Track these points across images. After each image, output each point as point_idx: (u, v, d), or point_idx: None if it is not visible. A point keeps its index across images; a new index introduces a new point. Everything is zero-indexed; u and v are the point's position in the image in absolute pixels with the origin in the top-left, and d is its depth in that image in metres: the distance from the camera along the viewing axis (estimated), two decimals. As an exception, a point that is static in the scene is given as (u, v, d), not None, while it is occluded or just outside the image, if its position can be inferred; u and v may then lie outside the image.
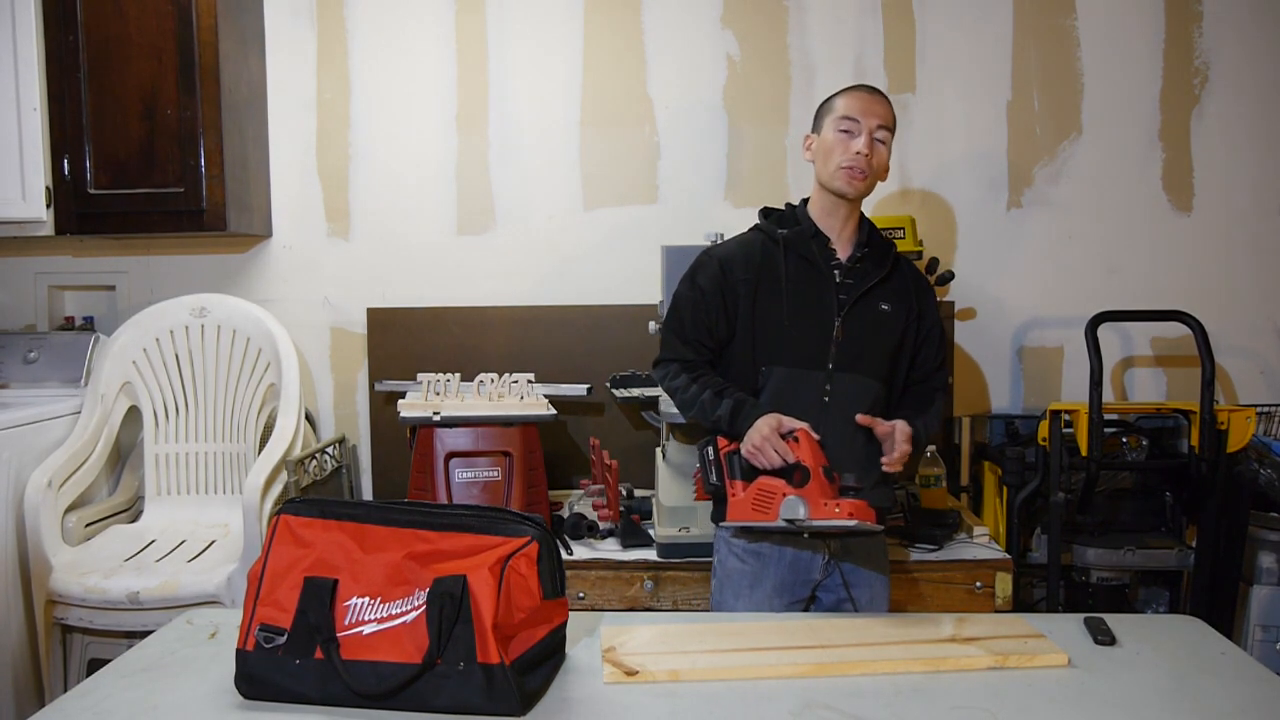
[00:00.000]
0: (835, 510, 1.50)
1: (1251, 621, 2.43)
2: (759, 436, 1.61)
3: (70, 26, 2.54)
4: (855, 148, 1.73)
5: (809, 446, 1.58)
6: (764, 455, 1.60)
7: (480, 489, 2.28)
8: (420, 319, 2.84)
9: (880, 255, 1.82)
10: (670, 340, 1.83)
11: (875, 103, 1.77)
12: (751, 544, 1.77)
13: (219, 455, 2.73)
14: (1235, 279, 2.80)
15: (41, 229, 2.58)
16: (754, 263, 1.78)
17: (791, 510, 1.52)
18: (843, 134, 1.75)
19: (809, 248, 1.78)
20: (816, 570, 1.76)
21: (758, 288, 1.76)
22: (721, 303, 1.77)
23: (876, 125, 1.75)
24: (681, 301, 1.83)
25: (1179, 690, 1.23)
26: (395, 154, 2.86)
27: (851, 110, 1.75)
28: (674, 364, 1.82)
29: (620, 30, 2.81)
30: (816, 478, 1.54)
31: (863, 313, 1.76)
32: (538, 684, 1.21)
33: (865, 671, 1.27)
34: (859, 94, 1.79)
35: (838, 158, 1.75)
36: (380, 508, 1.26)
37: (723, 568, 1.82)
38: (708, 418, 1.73)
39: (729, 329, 1.78)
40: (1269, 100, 2.77)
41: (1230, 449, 2.35)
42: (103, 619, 2.32)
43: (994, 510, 2.55)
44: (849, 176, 1.74)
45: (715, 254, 1.82)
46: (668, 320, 1.85)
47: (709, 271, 1.80)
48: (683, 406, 1.79)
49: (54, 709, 1.19)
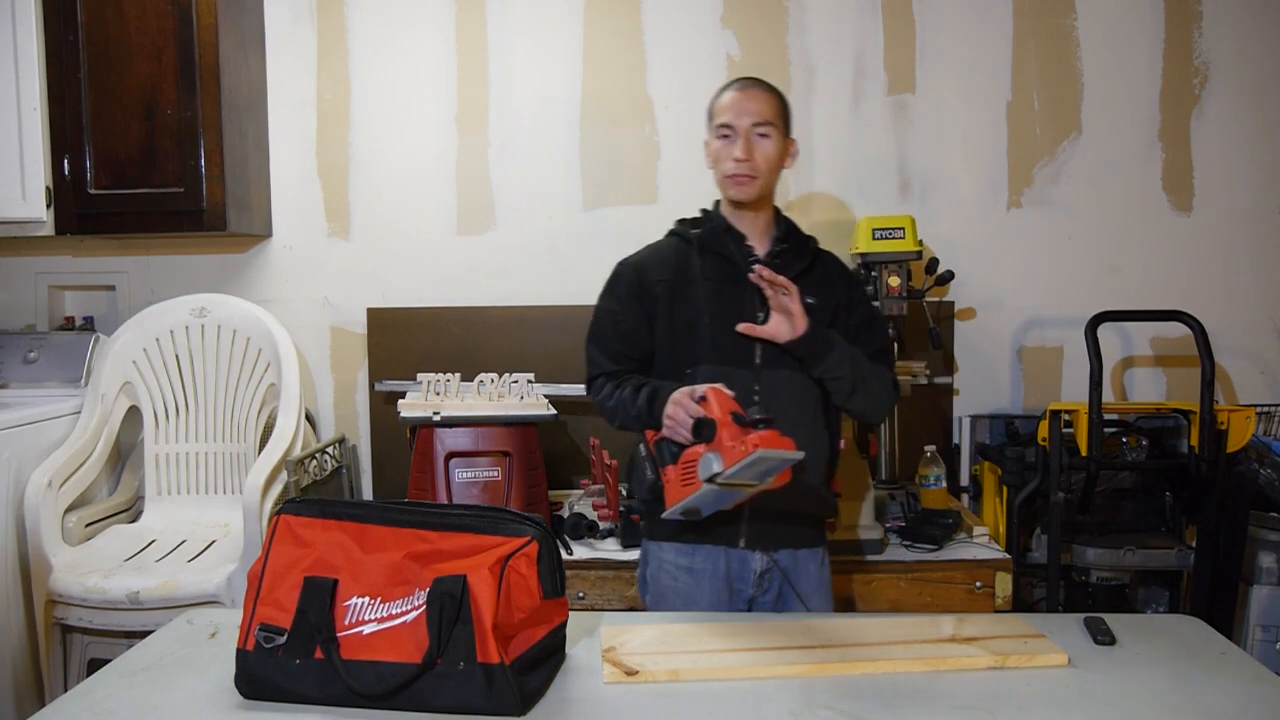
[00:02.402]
0: (741, 449, 1.40)
1: (1251, 621, 2.42)
2: (672, 406, 1.54)
3: (70, 26, 2.54)
4: (734, 153, 1.69)
5: (717, 400, 1.50)
6: (678, 424, 1.52)
7: (480, 489, 2.28)
8: (420, 319, 2.84)
9: (799, 249, 1.77)
10: (595, 357, 1.78)
11: (748, 99, 1.71)
12: (684, 559, 1.70)
13: (219, 455, 2.73)
14: (1235, 279, 2.80)
15: (41, 229, 2.58)
16: (669, 265, 1.74)
17: (707, 468, 1.44)
18: (722, 140, 1.72)
19: (724, 244, 1.73)
20: (750, 582, 1.71)
21: (674, 290, 1.72)
22: (640, 311, 1.73)
23: (752, 124, 1.69)
24: (601, 316, 1.78)
25: (1179, 690, 1.23)
26: (395, 154, 2.86)
27: (725, 115, 1.71)
28: (600, 378, 1.76)
29: (620, 30, 2.81)
30: (725, 426, 1.45)
31: None
32: (538, 684, 1.21)
33: (865, 671, 1.27)
34: (731, 93, 1.73)
35: (722, 166, 1.71)
36: (380, 508, 1.26)
37: (655, 585, 1.76)
38: (631, 414, 1.66)
39: (651, 338, 1.74)
40: (1269, 100, 2.77)
41: (1230, 449, 2.34)
42: (103, 619, 2.32)
43: (994, 510, 2.55)
44: (735, 185, 1.70)
45: (629, 263, 1.79)
46: (590, 336, 1.80)
47: (625, 281, 1.76)
48: (612, 416, 1.71)
49: (54, 709, 1.19)
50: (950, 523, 2.28)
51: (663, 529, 1.70)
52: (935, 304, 2.72)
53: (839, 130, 2.81)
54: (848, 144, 2.82)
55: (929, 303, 2.57)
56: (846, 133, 2.81)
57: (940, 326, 2.62)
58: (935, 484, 2.41)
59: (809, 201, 2.82)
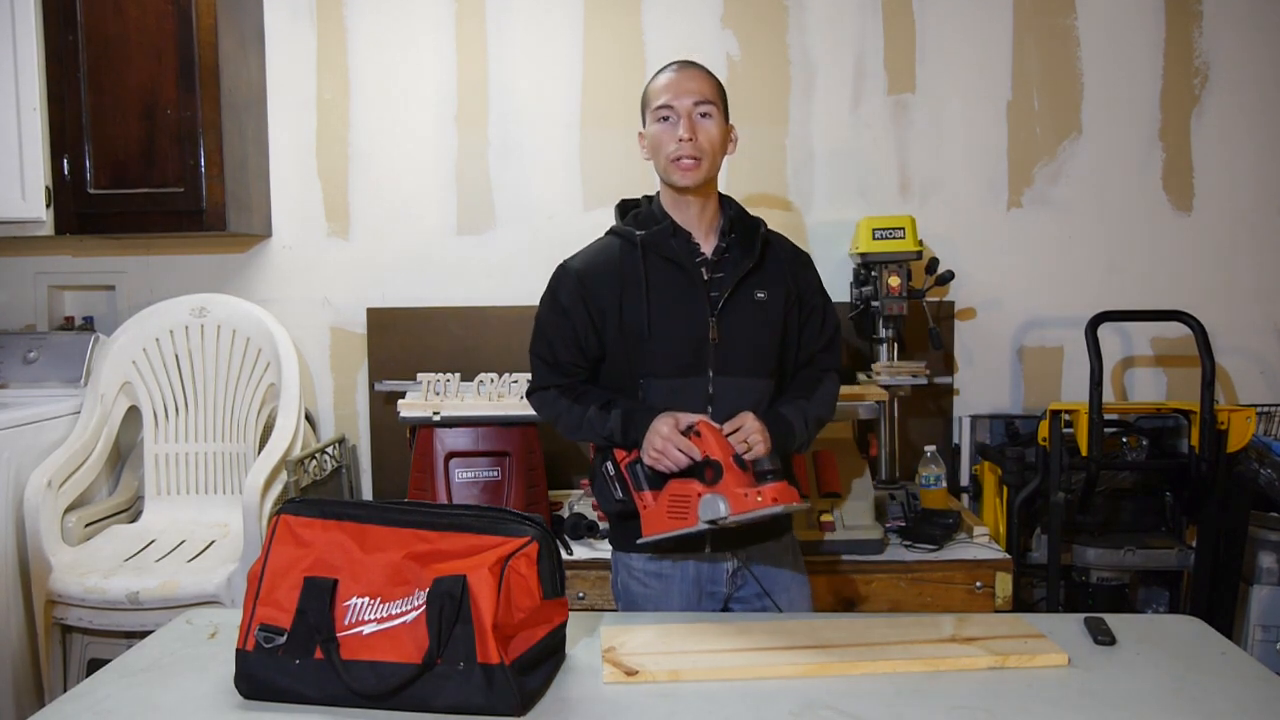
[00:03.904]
0: (758, 499, 1.39)
1: (1251, 621, 2.43)
2: (659, 439, 1.50)
3: (70, 26, 2.54)
4: (679, 134, 1.62)
5: (713, 438, 1.47)
6: (668, 457, 1.50)
7: (480, 489, 2.28)
8: (420, 319, 2.84)
9: (747, 240, 1.68)
10: (540, 368, 1.71)
11: (687, 79, 1.65)
12: (653, 565, 1.67)
13: (219, 455, 2.73)
14: (1235, 279, 2.80)
15: (41, 229, 2.58)
16: (614, 270, 1.65)
17: (711, 510, 1.43)
18: (662, 122, 1.65)
19: (670, 247, 1.65)
20: (722, 582, 1.68)
21: (623, 297, 1.63)
22: (587, 318, 1.65)
23: (694, 103, 1.63)
24: (545, 324, 1.70)
25: (1179, 690, 1.23)
26: (395, 154, 2.86)
27: (664, 96, 1.65)
28: (551, 390, 1.69)
29: (620, 30, 2.81)
30: (730, 470, 1.44)
31: (737, 307, 1.64)
32: (538, 684, 1.21)
33: (865, 671, 1.27)
34: (668, 75, 1.67)
35: (665, 149, 1.64)
36: (380, 508, 1.26)
37: (625, 593, 1.71)
38: (599, 434, 1.61)
39: (600, 344, 1.67)
40: (1269, 100, 2.77)
41: (1230, 449, 2.34)
42: (102, 619, 2.32)
43: (994, 510, 2.55)
44: (680, 169, 1.63)
45: (572, 267, 1.69)
46: (534, 346, 1.72)
47: (568, 287, 1.67)
48: (569, 430, 1.66)
49: (54, 709, 1.19)
50: (950, 523, 2.28)
51: (630, 540, 1.66)
52: (935, 304, 2.73)
53: (839, 130, 2.81)
54: (848, 144, 2.82)
55: (929, 303, 2.58)
56: (846, 133, 2.81)
57: (940, 326, 2.62)
58: (935, 484, 2.41)
59: (809, 201, 2.82)
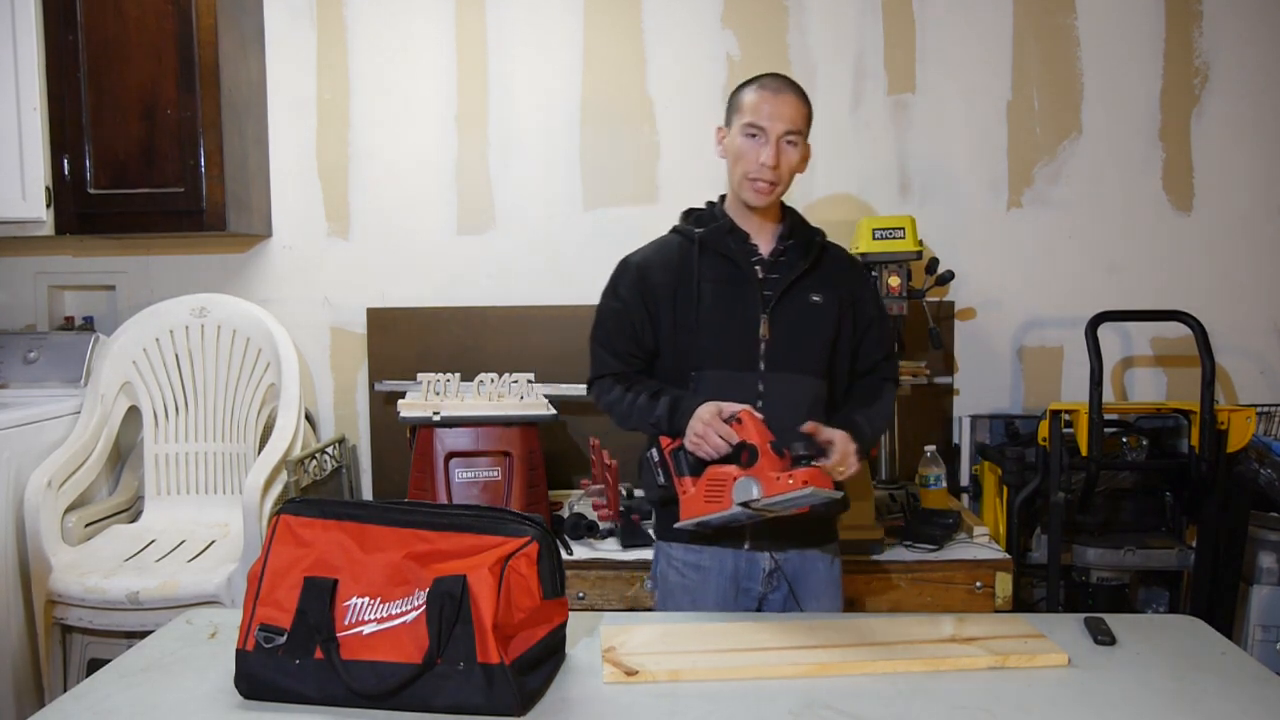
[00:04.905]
0: (789, 482, 1.40)
1: (1251, 621, 2.43)
2: (700, 424, 1.54)
3: (70, 26, 2.54)
4: (761, 158, 1.64)
5: (753, 425, 1.50)
6: (708, 443, 1.53)
7: (480, 489, 2.28)
8: (420, 319, 2.84)
9: (805, 245, 1.73)
10: (600, 355, 1.77)
11: (783, 104, 1.66)
12: (691, 556, 1.71)
13: (219, 455, 2.73)
14: (1235, 279, 2.80)
15: (41, 229, 2.58)
16: (671, 266, 1.71)
17: (744, 492, 1.44)
18: (748, 138, 1.67)
19: (726, 245, 1.71)
20: (759, 580, 1.71)
21: (677, 291, 1.70)
22: (644, 311, 1.72)
23: (784, 132, 1.65)
24: (605, 314, 1.77)
25: (1179, 690, 1.23)
26: (395, 154, 2.86)
27: (758, 116, 1.66)
28: (606, 379, 1.75)
29: (620, 30, 2.81)
30: (765, 454, 1.45)
31: (791, 308, 1.69)
32: (538, 684, 1.21)
33: (865, 671, 1.27)
34: (766, 94, 1.67)
35: (744, 166, 1.67)
36: (380, 508, 1.26)
37: (663, 582, 1.77)
38: (647, 421, 1.66)
39: (655, 337, 1.73)
40: (1269, 100, 2.77)
41: (1230, 449, 2.34)
42: (103, 619, 2.32)
43: (994, 510, 2.55)
44: (755, 190, 1.67)
45: (632, 261, 1.77)
46: (594, 335, 1.78)
47: (628, 280, 1.74)
48: (622, 419, 1.72)
49: (54, 709, 1.19)
50: (950, 523, 2.28)
51: (671, 530, 1.70)
52: (935, 304, 2.72)
53: (839, 130, 2.81)
54: (848, 144, 2.82)
55: (929, 303, 2.58)
56: (847, 133, 2.81)
57: (940, 326, 2.62)
58: (935, 484, 2.41)
59: (809, 201, 2.82)
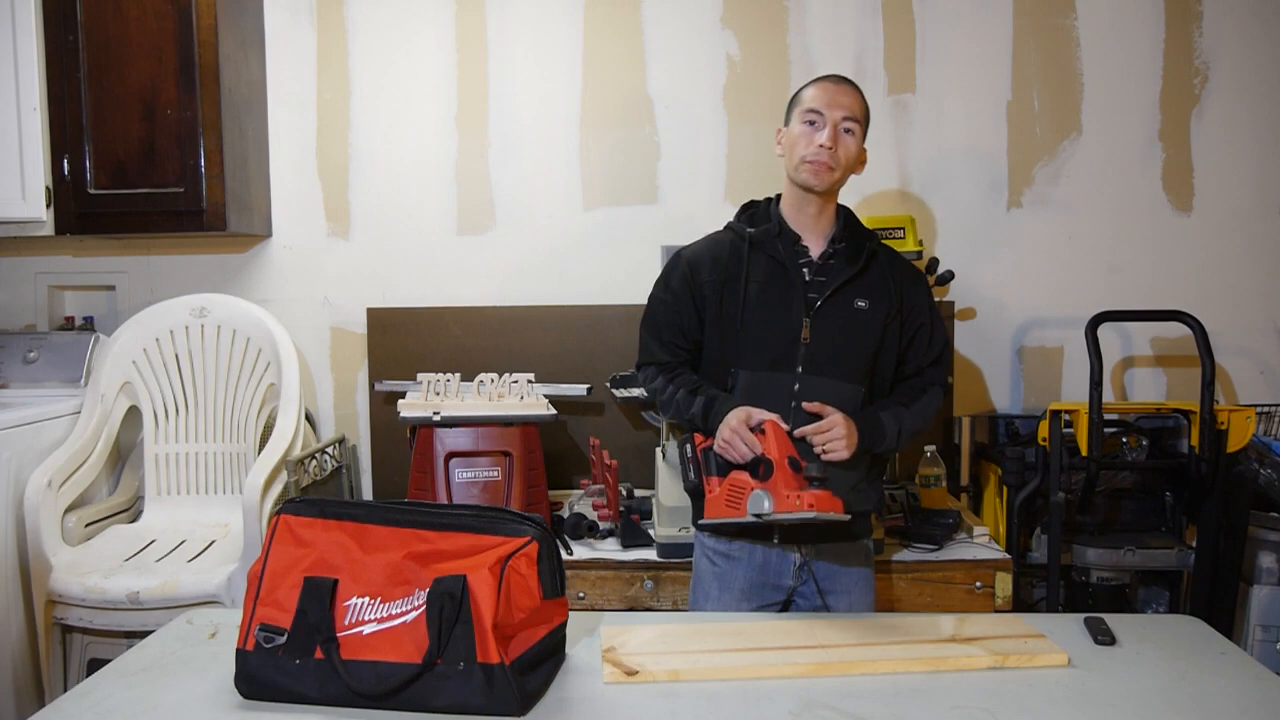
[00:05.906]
0: (796, 502, 1.46)
1: (1251, 621, 2.43)
2: (728, 430, 1.60)
3: (70, 26, 2.54)
4: (819, 140, 1.69)
5: (775, 438, 1.56)
6: (734, 449, 1.60)
7: (480, 489, 2.28)
8: (420, 319, 2.84)
9: (855, 250, 1.76)
10: (648, 343, 1.83)
11: (842, 93, 1.72)
12: (722, 545, 1.76)
13: (219, 455, 2.73)
14: (1235, 279, 2.80)
15: (41, 229, 2.58)
16: (721, 263, 1.76)
17: (757, 505, 1.51)
18: (807, 125, 1.71)
19: (775, 246, 1.74)
20: (788, 575, 1.74)
21: (724, 288, 1.74)
22: (691, 304, 1.77)
23: (842, 117, 1.70)
24: (656, 304, 1.83)
25: (1179, 690, 1.23)
26: (395, 154, 2.86)
27: (817, 102, 1.71)
28: (652, 367, 1.82)
29: (620, 30, 2.81)
30: (780, 470, 1.51)
31: (835, 312, 1.71)
32: (538, 684, 1.21)
33: (865, 671, 1.27)
34: (825, 85, 1.73)
35: (801, 150, 1.71)
36: (380, 508, 1.26)
37: (696, 568, 1.83)
38: (684, 416, 1.73)
39: (701, 330, 1.78)
40: (1269, 100, 2.77)
41: (1230, 449, 2.35)
42: (103, 619, 2.32)
43: (994, 510, 2.55)
44: (813, 170, 1.70)
45: (685, 255, 1.82)
46: (644, 323, 1.86)
47: (679, 273, 1.79)
48: (663, 407, 1.80)
49: (54, 709, 1.19)
50: (950, 523, 2.28)
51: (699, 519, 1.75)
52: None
53: (839, 130, 2.81)
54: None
55: (929, 303, 2.57)
56: (846, 133, 2.81)
57: (940, 326, 2.62)
58: (935, 484, 2.41)
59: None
